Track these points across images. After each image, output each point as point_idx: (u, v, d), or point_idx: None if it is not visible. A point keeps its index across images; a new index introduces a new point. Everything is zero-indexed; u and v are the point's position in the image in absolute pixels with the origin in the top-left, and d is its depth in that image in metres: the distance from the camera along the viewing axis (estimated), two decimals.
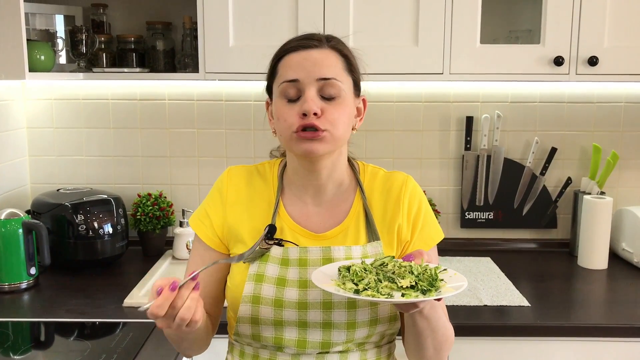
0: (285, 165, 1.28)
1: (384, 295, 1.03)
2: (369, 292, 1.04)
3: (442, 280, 1.09)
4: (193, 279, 1.01)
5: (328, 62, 1.16)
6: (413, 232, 1.24)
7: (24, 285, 1.90)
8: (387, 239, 1.23)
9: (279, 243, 1.20)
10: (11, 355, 1.48)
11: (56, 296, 1.87)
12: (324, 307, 1.16)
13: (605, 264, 2.14)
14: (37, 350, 1.54)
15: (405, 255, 1.13)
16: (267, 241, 1.19)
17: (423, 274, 1.08)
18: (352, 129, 1.21)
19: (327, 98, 1.14)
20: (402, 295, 1.04)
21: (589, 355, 1.72)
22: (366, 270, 1.09)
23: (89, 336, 1.63)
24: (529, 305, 1.80)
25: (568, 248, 2.33)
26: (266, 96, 1.26)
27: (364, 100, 1.25)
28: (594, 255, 2.13)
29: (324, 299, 1.16)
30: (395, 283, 1.06)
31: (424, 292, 1.05)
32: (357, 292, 1.04)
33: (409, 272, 1.08)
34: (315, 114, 1.12)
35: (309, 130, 1.13)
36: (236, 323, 1.20)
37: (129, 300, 1.79)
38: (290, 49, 1.17)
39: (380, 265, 1.11)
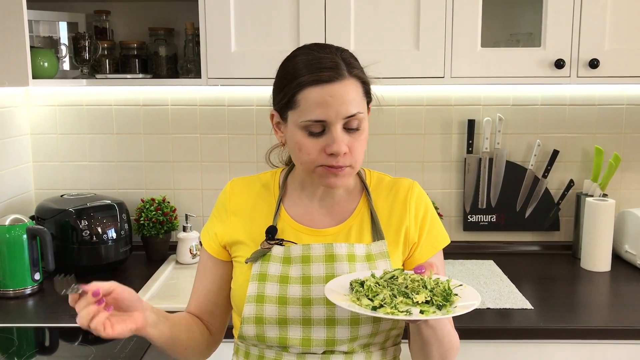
0: (289, 170, 1.30)
1: (402, 312, 1.03)
2: (388, 309, 1.04)
3: (455, 294, 1.09)
4: (93, 294, 1.07)
5: (352, 96, 1.13)
6: (421, 234, 1.26)
7: (28, 291, 1.91)
8: (392, 240, 1.24)
9: (280, 243, 1.22)
10: None
11: (60, 301, 1.87)
12: (327, 303, 1.16)
13: (608, 266, 2.14)
14: (42, 355, 1.54)
15: (416, 267, 1.13)
16: (268, 242, 1.22)
17: (436, 287, 1.08)
18: None
19: (349, 129, 1.15)
20: (421, 312, 1.04)
21: (592, 357, 1.72)
22: (379, 285, 1.09)
23: (93, 341, 1.63)
24: (532, 307, 1.80)
25: (571, 250, 2.33)
26: (269, 102, 1.25)
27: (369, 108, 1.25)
28: (596, 257, 2.13)
29: None
30: (410, 298, 1.06)
31: (439, 307, 1.05)
32: (374, 308, 1.04)
33: (423, 287, 1.08)
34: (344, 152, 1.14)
35: (334, 167, 1.15)
36: (240, 324, 1.21)
37: None
38: (312, 81, 1.12)
39: (390, 278, 1.11)
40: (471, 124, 2.30)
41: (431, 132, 2.32)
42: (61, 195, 2.18)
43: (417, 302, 1.05)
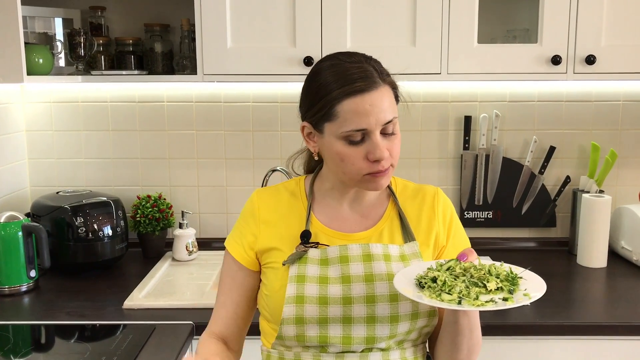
0: (314, 177, 1.31)
1: (488, 302, 1.05)
2: (473, 301, 1.05)
3: (520, 277, 1.12)
4: None
5: (388, 103, 1.17)
6: (448, 238, 1.29)
7: (24, 288, 1.90)
8: (423, 242, 1.27)
9: (315, 246, 1.23)
10: (12, 358, 1.48)
11: (56, 299, 1.87)
12: (367, 301, 1.18)
13: (604, 262, 2.14)
14: (38, 352, 1.54)
15: (459, 254, 1.15)
16: (304, 245, 1.23)
17: (498, 274, 1.11)
18: None
19: (386, 134, 1.17)
20: (504, 299, 1.05)
21: (588, 353, 1.72)
22: (449, 279, 1.11)
23: (89, 338, 1.63)
24: (528, 304, 1.79)
25: (567, 247, 2.33)
26: (297, 114, 1.26)
27: None
28: (593, 253, 2.14)
29: (367, 293, 1.19)
30: (484, 287, 1.08)
31: (510, 292, 1.08)
32: (459, 302, 1.05)
33: (488, 274, 1.10)
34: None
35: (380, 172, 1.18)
36: (280, 325, 1.20)
37: (129, 302, 1.80)
38: (350, 92, 1.14)
39: (447, 269, 1.13)
40: (468, 120, 2.30)
41: (428, 129, 2.32)
42: (57, 192, 2.17)
43: (490, 289, 1.07)
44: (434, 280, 1.10)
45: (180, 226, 2.21)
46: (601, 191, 2.22)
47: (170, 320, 1.68)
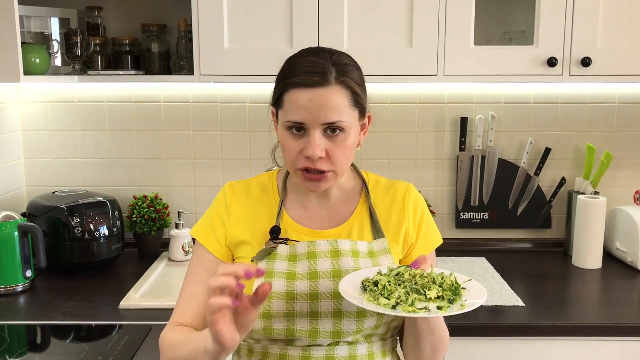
0: (287, 172, 1.31)
1: (421, 309, 1.05)
2: (407, 307, 1.05)
3: (463, 288, 1.12)
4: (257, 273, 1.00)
5: (334, 103, 1.13)
6: (418, 235, 1.29)
7: (19, 288, 1.90)
8: (392, 238, 1.27)
9: (284, 242, 1.23)
10: (7, 358, 1.48)
11: (52, 299, 1.87)
12: (334, 297, 1.18)
13: (599, 264, 2.15)
14: (33, 353, 1.54)
15: (412, 262, 1.15)
16: (273, 241, 1.23)
17: (443, 282, 1.11)
18: (356, 146, 1.23)
19: (331, 135, 1.15)
20: (438, 307, 1.06)
21: (583, 354, 1.73)
22: (391, 284, 1.11)
23: (85, 339, 1.63)
24: (524, 305, 1.81)
25: (562, 248, 2.34)
26: (268, 96, 1.26)
27: (369, 117, 1.25)
28: (588, 254, 2.14)
29: (335, 289, 1.18)
30: (423, 294, 1.08)
31: (450, 301, 1.07)
32: (393, 307, 1.06)
33: (432, 282, 1.10)
34: (320, 157, 1.15)
35: (312, 172, 1.17)
36: None
37: (125, 303, 1.79)
38: (296, 84, 1.13)
39: (396, 275, 1.13)
40: (464, 121, 2.30)
41: (424, 130, 2.33)
42: (53, 192, 2.17)
43: (430, 297, 1.07)
44: (376, 284, 1.11)
45: (177, 226, 2.21)
46: (596, 192, 2.23)
47: (166, 320, 1.66)
